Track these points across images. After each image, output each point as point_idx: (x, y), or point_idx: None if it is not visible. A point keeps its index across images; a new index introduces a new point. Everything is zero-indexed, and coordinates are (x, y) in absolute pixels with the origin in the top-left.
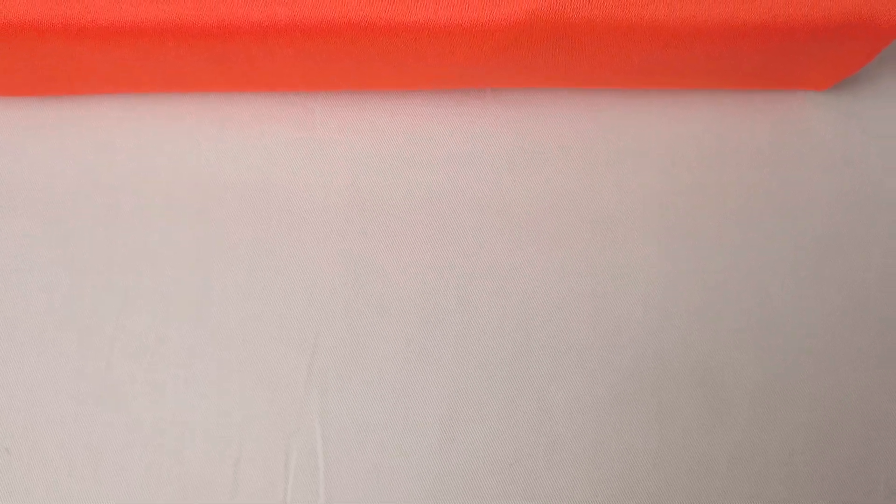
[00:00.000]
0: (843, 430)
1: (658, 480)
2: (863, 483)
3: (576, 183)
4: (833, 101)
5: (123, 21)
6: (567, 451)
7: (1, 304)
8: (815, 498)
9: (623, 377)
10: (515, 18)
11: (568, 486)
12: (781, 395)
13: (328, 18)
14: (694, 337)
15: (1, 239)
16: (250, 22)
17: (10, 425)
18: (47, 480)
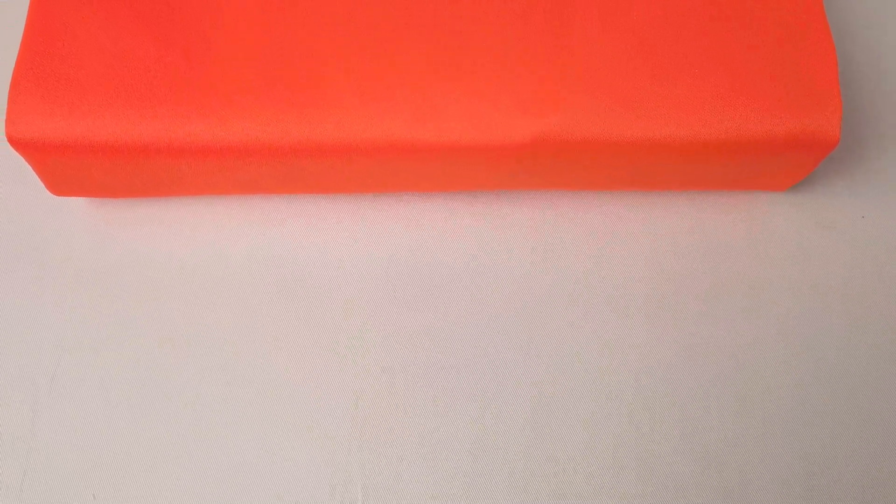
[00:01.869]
0: (811, 468)
1: None
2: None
3: (575, 268)
4: (792, 200)
5: (215, 142)
6: (577, 498)
7: (97, 370)
8: None
9: (622, 430)
10: (522, 140)
11: None
12: (759, 446)
13: (375, 140)
14: (678, 397)
15: (98, 314)
16: (315, 142)
17: (99, 474)
18: None
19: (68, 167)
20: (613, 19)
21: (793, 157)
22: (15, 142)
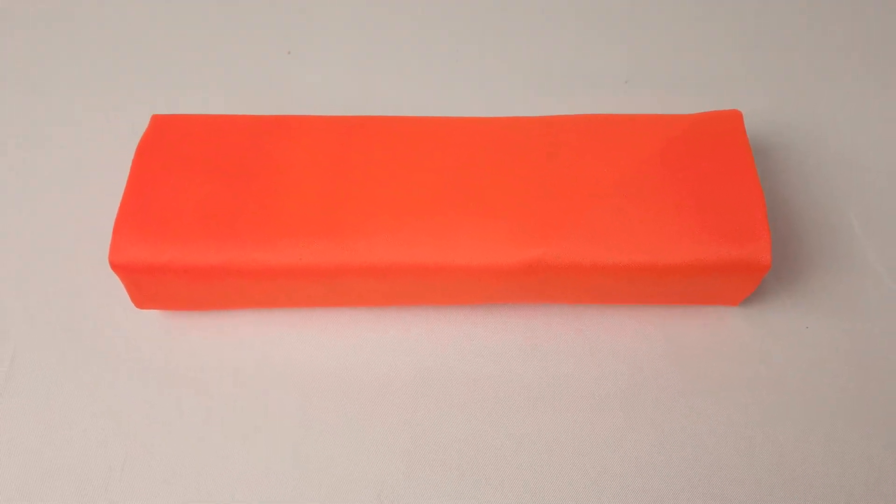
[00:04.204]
0: None
1: None
2: None
3: (567, 369)
4: (746, 313)
5: (273, 265)
6: None
7: (162, 456)
8: None
9: None
10: (520, 264)
11: None
12: None
13: (398, 263)
14: (652, 479)
15: (164, 407)
16: (354, 264)
17: None
18: None
19: (154, 285)
20: (588, 171)
21: (735, 279)
22: (116, 266)
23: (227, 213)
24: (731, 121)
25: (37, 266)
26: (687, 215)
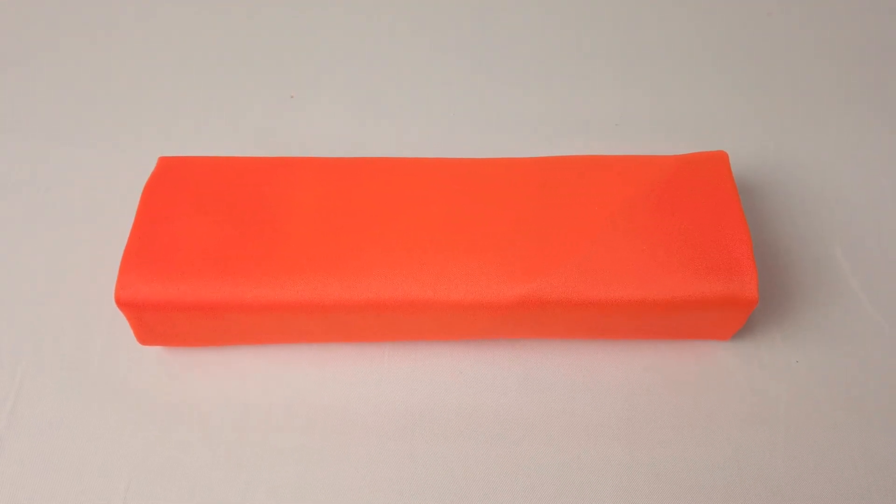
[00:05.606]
0: None
1: None
2: None
3: (563, 401)
4: (737, 347)
5: (276, 302)
6: None
7: (162, 488)
8: None
9: None
10: (513, 300)
11: None
12: None
13: (397, 299)
14: None
15: (166, 441)
16: (351, 301)
17: None
18: None
19: (158, 322)
20: (579, 210)
21: (724, 314)
22: (122, 303)
23: (230, 252)
24: (717, 161)
25: (43, 303)
26: (675, 252)
